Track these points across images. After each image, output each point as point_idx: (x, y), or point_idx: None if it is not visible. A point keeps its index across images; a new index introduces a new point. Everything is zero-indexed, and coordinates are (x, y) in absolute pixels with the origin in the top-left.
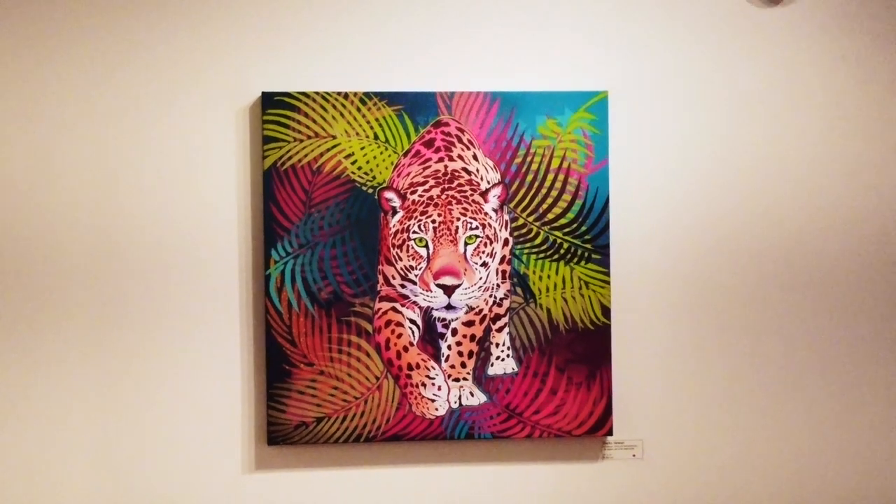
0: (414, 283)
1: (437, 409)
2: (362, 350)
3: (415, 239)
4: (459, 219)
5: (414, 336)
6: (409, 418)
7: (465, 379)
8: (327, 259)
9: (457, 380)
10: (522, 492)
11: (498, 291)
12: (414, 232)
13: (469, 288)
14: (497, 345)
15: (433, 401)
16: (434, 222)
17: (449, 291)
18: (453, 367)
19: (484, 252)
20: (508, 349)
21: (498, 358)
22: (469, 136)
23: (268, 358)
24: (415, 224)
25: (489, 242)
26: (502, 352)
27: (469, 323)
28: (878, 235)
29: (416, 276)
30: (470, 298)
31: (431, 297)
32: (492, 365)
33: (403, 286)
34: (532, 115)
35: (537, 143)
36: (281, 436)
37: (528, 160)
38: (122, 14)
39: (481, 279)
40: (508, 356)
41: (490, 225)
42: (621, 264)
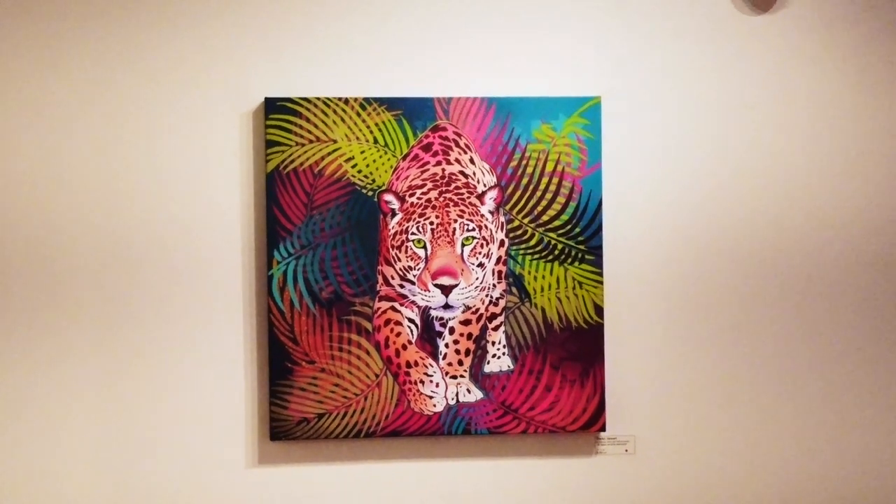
0: (412, 283)
1: (435, 406)
2: (362, 348)
3: (413, 240)
4: (456, 221)
5: (412, 334)
6: (408, 414)
7: (462, 376)
8: (328, 260)
9: (454, 377)
10: (517, 486)
11: (494, 291)
12: (412, 233)
13: (466, 288)
14: (493, 343)
15: (431, 397)
16: (432, 224)
17: (446, 291)
18: (451, 365)
19: (480, 253)
20: (504, 347)
21: (494, 356)
22: (466, 141)
23: (270, 356)
24: (413, 226)
25: (485, 244)
26: (498, 350)
27: (466, 322)
28: (864, 237)
29: (415, 277)
30: (467, 298)
31: (429, 297)
32: (488, 363)
33: (402, 286)
34: (527, 120)
35: (532, 148)
36: (283, 431)
37: (524, 164)
38: (133, 25)
39: (478, 279)
40: (504, 354)
41: (486, 227)
42: (614, 265)
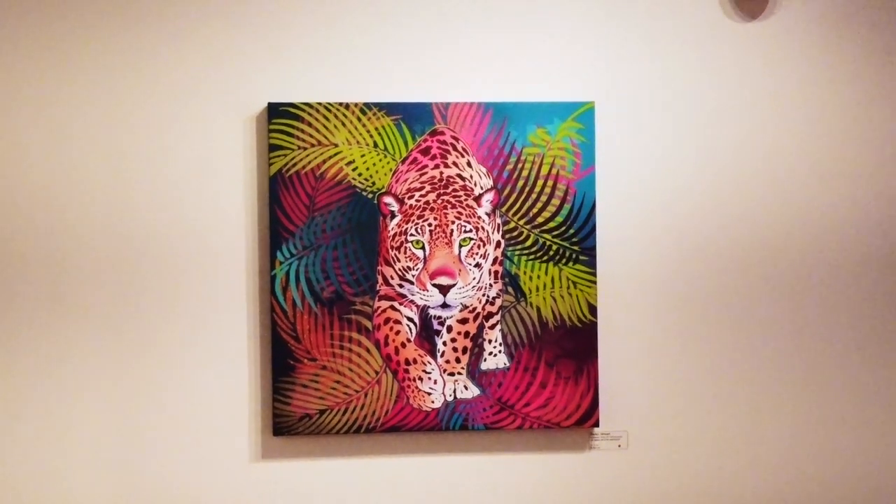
0: (411, 283)
1: (434, 402)
2: (362, 346)
3: (412, 241)
4: (454, 222)
5: (411, 333)
6: (407, 410)
7: (460, 373)
8: (329, 260)
9: (452, 374)
10: (513, 480)
11: (491, 291)
12: (411, 235)
13: (463, 287)
14: (490, 341)
15: (429, 394)
16: (430, 225)
17: (444, 291)
18: (448, 363)
19: (477, 254)
20: (500, 345)
21: (491, 353)
22: (463, 145)
23: (273, 353)
24: (412, 227)
25: (482, 245)
26: (495, 348)
27: (463, 320)
28: (855, 237)
29: (414, 277)
30: (464, 297)
31: (428, 297)
32: (485, 360)
33: (401, 286)
34: (523, 125)
35: (528, 151)
36: (286, 427)
37: (519, 167)
38: (140, 34)
39: (475, 279)
40: (500, 352)
41: (483, 228)
42: (607, 265)
